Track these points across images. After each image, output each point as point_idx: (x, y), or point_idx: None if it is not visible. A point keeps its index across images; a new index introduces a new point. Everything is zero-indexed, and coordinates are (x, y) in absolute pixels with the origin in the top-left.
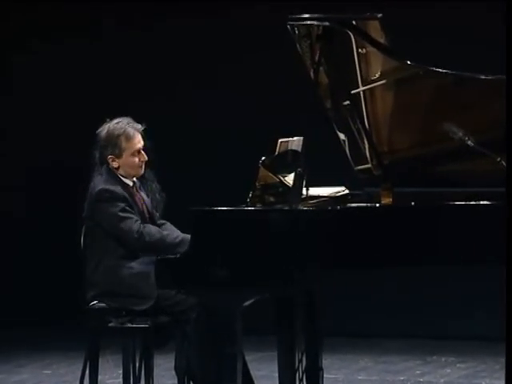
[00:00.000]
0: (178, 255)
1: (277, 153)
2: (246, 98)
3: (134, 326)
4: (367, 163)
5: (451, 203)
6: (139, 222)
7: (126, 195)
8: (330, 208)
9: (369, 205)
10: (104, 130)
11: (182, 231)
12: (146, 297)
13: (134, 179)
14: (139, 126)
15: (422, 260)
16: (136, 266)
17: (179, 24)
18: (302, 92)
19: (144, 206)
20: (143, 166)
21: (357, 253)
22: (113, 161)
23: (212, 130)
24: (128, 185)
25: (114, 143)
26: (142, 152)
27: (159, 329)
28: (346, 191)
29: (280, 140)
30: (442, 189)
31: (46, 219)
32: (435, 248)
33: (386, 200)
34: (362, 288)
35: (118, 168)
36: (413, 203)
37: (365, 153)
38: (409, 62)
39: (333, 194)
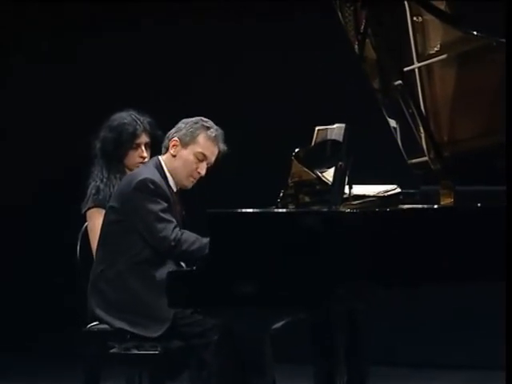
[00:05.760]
0: (194, 267)
1: (313, 143)
2: (276, 84)
3: (141, 352)
4: (423, 156)
5: None
6: (178, 228)
7: (170, 197)
8: (378, 210)
9: (425, 206)
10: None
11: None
12: (161, 319)
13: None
14: (224, 147)
15: (491, 274)
16: (159, 276)
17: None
18: (342, 72)
19: (178, 217)
20: (194, 181)
21: (410, 264)
22: (174, 145)
23: (237, 120)
24: (172, 188)
25: (191, 130)
26: (205, 167)
27: (171, 356)
28: (398, 190)
29: (317, 128)
30: None
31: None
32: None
33: (447, 200)
34: (416, 308)
35: (173, 156)
36: (479, 204)
37: (421, 143)
38: (475, 33)
39: (381, 194)
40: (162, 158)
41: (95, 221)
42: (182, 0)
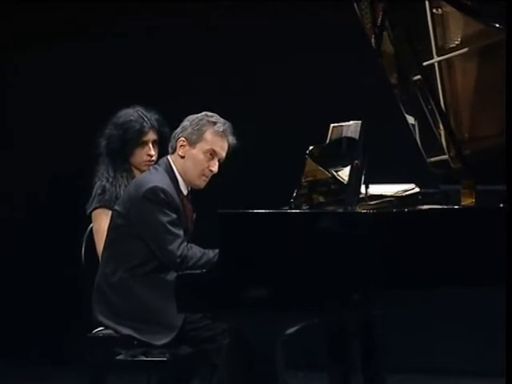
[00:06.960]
0: (204, 270)
1: (328, 141)
2: (286, 81)
3: (149, 359)
4: (443, 154)
5: None
6: (185, 242)
7: (180, 206)
8: (395, 211)
9: (445, 207)
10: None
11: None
12: (170, 326)
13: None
14: (233, 140)
15: None
16: (166, 281)
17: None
18: (357, 68)
19: (189, 221)
20: (207, 180)
21: (430, 268)
22: (182, 146)
23: (242, 119)
24: (183, 193)
25: (197, 128)
26: (217, 163)
27: (180, 362)
28: (417, 189)
29: (332, 125)
30: None
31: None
32: None
33: (468, 200)
34: (436, 313)
35: (182, 157)
36: (501, 205)
37: (440, 141)
38: (498, 25)
39: (399, 193)
40: (171, 159)
41: (101, 222)
42: (181, 0)
